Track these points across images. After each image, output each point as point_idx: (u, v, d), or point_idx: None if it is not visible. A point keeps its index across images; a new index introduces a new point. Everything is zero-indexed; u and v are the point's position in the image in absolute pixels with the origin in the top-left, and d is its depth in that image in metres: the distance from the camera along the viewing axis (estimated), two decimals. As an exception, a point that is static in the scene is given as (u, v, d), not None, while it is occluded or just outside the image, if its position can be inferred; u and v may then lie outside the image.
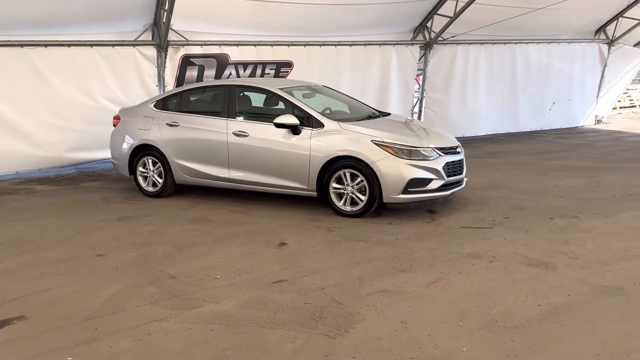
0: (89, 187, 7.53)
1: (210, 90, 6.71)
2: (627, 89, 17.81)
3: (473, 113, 12.04)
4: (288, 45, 10.06)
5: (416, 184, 5.49)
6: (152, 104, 6.93)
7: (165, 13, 8.66)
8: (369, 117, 6.46)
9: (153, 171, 6.78)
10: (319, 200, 5.87)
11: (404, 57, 11.16)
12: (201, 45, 9.42)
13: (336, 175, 5.68)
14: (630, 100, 17.40)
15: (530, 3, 10.64)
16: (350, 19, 10.26)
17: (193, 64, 9.45)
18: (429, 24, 11.15)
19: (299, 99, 6.12)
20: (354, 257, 4.48)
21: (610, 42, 13.35)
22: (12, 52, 8.17)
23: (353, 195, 5.65)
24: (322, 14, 9.87)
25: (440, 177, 5.60)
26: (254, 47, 9.79)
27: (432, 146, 5.66)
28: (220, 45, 9.55)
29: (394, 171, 5.44)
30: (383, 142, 5.54)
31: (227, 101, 6.40)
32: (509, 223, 5.39)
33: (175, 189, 6.80)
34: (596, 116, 14.09)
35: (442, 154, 5.67)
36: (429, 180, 5.56)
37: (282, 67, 10.10)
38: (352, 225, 5.39)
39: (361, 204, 5.63)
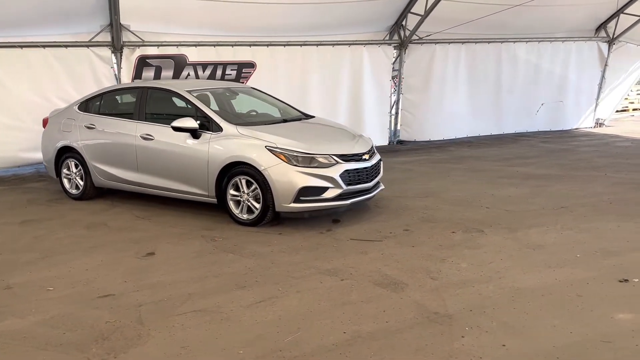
0: (30, 188, 7.59)
1: (127, 92, 6.62)
2: (642, 90, 16.79)
3: (453, 115, 11.54)
4: (250, 45, 9.88)
5: (309, 192, 5.22)
6: (76, 105, 6.89)
7: (117, 14, 8.65)
8: (284, 121, 6.21)
9: (75, 174, 6.75)
10: (220, 207, 5.67)
11: (377, 57, 10.79)
12: (157, 45, 9.36)
13: (233, 181, 5.47)
14: (646, 101, 16.35)
15: (510, 0, 10.06)
16: (316, 18, 9.98)
17: (149, 65, 9.40)
18: (404, 23, 10.75)
19: (203, 101, 5.93)
20: (209, 271, 4.27)
21: (611, 41, 12.54)
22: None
23: (249, 203, 5.43)
24: (286, 13, 9.64)
25: (337, 186, 5.30)
26: (213, 47, 9.66)
27: (330, 153, 5.36)
28: (177, 45, 9.47)
29: (285, 179, 5.19)
30: (276, 148, 5.29)
31: (138, 103, 6.29)
32: (403, 236, 5.04)
33: (98, 192, 6.71)
34: (598, 119, 13.29)
35: (341, 161, 5.36)
36: (324, 189, 5.27)
37: (244, 68, 9.93)
38: (241, 235, 5.17)
39: (256, 213, 5.39)
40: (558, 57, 12.25)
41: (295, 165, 5.21)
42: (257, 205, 5.38)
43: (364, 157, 5.61)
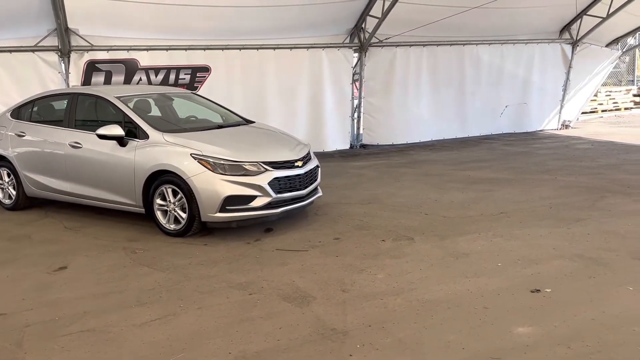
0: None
1: (59, 98, 6.41)
2: (610, 91, 16.85)
3: (416, 118, 11.45)
4: (204, 49, 9.71)
5: (235, 201, 5.06)
6: (9, 113, 6.69)
7: (61, 17, 8.45)
8: (219, 127, 6.06)
9: (8, 183, 6.55)
10: (148, 217, 5.49)
11: (336, 60, 10.66)
12: (107, 50, 9.17)
13: (159, 191, 5.30)
14: (614, 103, 16.37)
15: (470, 2, 9.97)
16: (272, 21, 9.83)
17: (99, 70, 9.21)
18: (364, 26, 10.63)
19: (131, 107, 5.74)
20: (116, 286, 4.10)
21: (575, 42, 12.51)
22: None
23: (175, 213, 5.26)
24: (240, 16, 9.48)
25: (266, 194, 5.14)
26: (165, 51, 9.49)
27: (258, 160, 5.20)
28: (128, 50, 9.29)
29: (209, 187, 5.03)
30: (202, 155, 5.12)
31: (68, 110, 6.11)
32: (332, 245, 4.90)
33: (32, 201, 6.51)
34: (564, 121, 13.25)
35: (270, 168, 5.21)
36: (252, 198, 5.11)
37: (198, 72, 9.77)
38: (164, 247, 5.00)
39: (183, 223, 5.22)
40: (522, 59, 12.22)
41: (221, 174, 5.05)
42: (184, 215, 5.21)
43: (296, 164, 5.46)
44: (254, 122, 6.59)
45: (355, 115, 11.29)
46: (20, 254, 4.94)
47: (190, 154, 5.15)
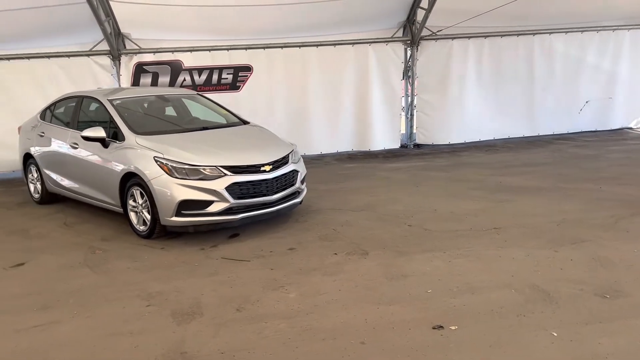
0: (16, 192, 8.07)
1: (71, 100, 6.78)
2: None
3: (475, 116, 10.57)
4: (246, 48, 9.78)
5: (191, 206, 4.99)
6: (39, 113, 7.24)
7: (112, 23, 9.01)
8: (203, 128, 6.03)
9: (36, 179, 7.10)
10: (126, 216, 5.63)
11: (384, 56, 10.17)
12: (154, 52, 9.60)
13: (131, 192, 5.41)
14: None
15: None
16: (313, 18, 9.63)
17: (146, 71, 9.67)
18: (416, 18, 10.02)
19: (118, 110, 5.90)
20: (42, 287, 4.21)
21: (679, 26, 10.70)
22: (-21, 66, 9.11)
23: (143, 215, 5.33)
24: (280, 14, 9.40)
25: (223, 200, 5.01)
26: (208, 52, 9.71)
27: (217, 164, 5.07)
28: (173, 51, 9.64)
29: (166, 191, 5.02)
30: (162, 158, 5.12)
31: (74, 112, 6.47)
32: (280, 256, 4.66)
33: (55, 197, 6.95)
34: (665, 118, 11.45)
35: (229, 173, 5.06)
36: (208, 203, 5.01)
37: (240, 72, 9.87)
38: (125, 248, 5.10)
39: (148, 225, 5.28)
40: (607, 49, 10.75)
41: (176, 177, 5.01)
42: (149, 217, 5.26)
43: (263, 168, 5.25)
44: (248, 122, 6.48)
45: (408, 113, 10.70)
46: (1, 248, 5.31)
47: (153, 157, 5.17)
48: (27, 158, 7.20)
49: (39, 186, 7.07)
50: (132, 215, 5.47)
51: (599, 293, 3.57)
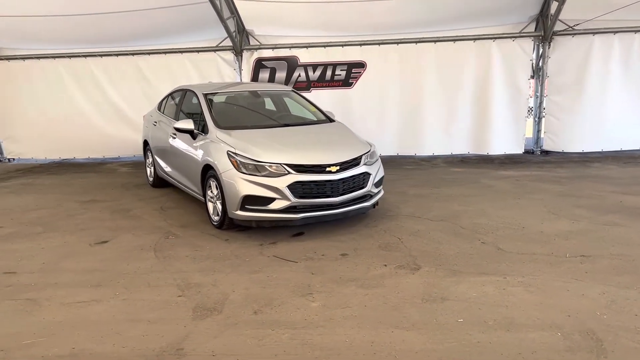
0: (138, 173, 8.97)
1: (179, 93, 7.26)
2: None
3: (617, 122, 9.31)
4: (360, 45, 9.69)
5: (254, 201, 5.06)
6: (158, 104, 7.90)
7: (236, 19, 9.52)
8: (284, 125, 6.10)
9: (150, 163, 7.80)
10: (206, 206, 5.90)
11: (510, 53, 9.39)
12: (272, 48, 9.95)
13: (208, 183, 5.66)
14: None
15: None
16: (430, 13, 9.21)
17: (265, 67, 10.06)
18: (549, 12, 9.06)
19: (208, 103, 6.18)
20: (108, 266, 4.56)
21: None
22: (125, 60, 10.27)
23: (217, 206, 5.55)
24: (397, 9, 9.15)
25: (285, 198, 5.00)
26: (323, 48, 9.81)
27: (282, 162, 5.07)
28: (290, 47, 9.90)
29: (232, 185, 5.15)
30: (234, 153, 5.27)
31: (179, 104, 6.93)
32: (329, 260, 4.52)
33: (165, 182, 7.54)
34: None
35: (293, 171, 5.03)
36: (270, 200, 5.04)
37: (353, 68, 9.81)
38: (195, 237, 5.35)
39: (220, 216, 5.49)
40: None
41: (243, 172, 5.11)
42: (220, 209, 5.45)
43: (328, 169, 5.13)
44: (334, 121, 6.40)
45: (536, 116, 9.74)
46: (100, 225, 5.90)
47: (227, 151, 5.33)
48: (146, 144, 7.91)
49: (151, 170, 7.74)
50: (210, 205, 5.71)
51: (665, 353, 2.88)
